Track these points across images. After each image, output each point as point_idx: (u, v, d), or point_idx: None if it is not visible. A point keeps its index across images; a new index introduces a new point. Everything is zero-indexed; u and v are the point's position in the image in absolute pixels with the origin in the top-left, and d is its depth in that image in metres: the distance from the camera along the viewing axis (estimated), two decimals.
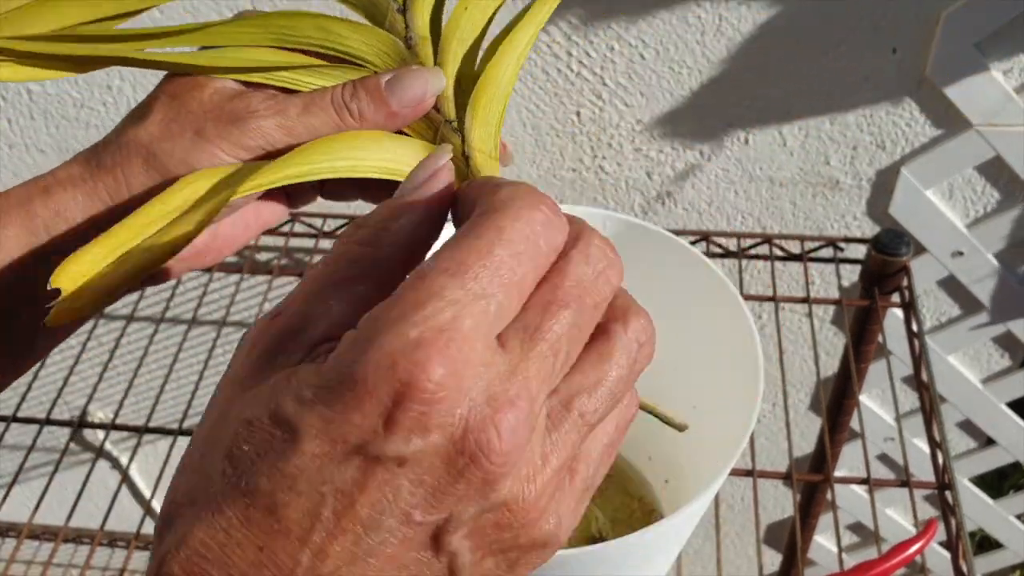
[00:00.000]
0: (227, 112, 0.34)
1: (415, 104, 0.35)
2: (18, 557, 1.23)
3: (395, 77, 0.35)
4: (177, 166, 0.34)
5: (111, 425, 0.80)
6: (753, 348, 0.55)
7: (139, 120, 0.35)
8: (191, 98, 0.34)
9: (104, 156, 0.35)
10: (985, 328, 0.97)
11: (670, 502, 0.69)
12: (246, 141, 0.34)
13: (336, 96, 0.35)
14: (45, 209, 0.34)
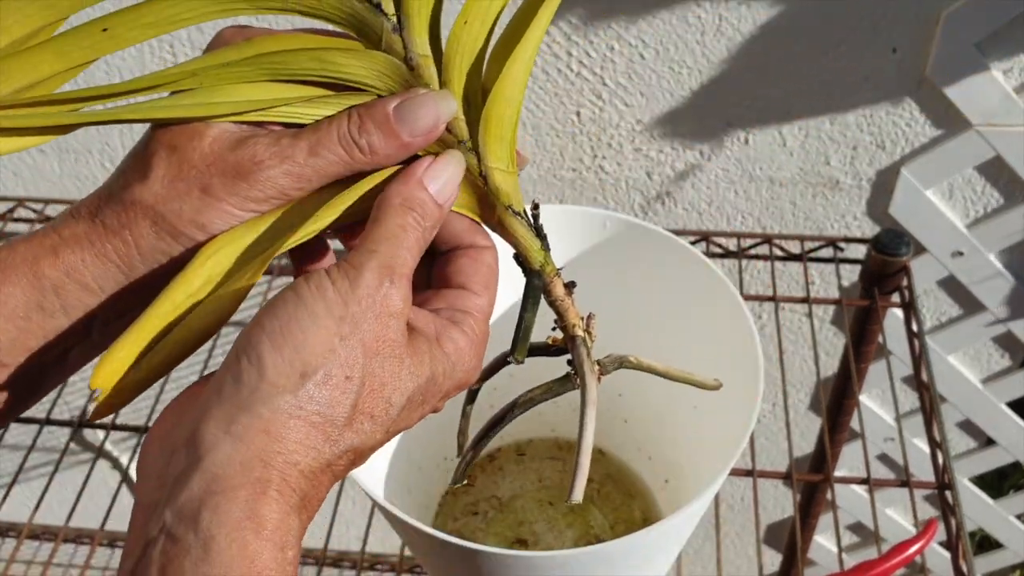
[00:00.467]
0: (232, 165, 0.33)
1: (427, 132, 0.34)
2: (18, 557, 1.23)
3: (403, 105, 0.34)
4: (187, 226, 0.33)
5: (111, 425, 0.80)
6: (753, 348, 0.55)
7: (141, 178, 0.33)
8: (191, 149, 0.33)
9: (109, 216, 0.33)
10: (985, 328, 0.97)
11: (670, 502, 0.69)
12: (255, 194, 0.33)
13: (343, 133, 0.34)
14: (54, 270, 0.33)
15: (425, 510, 0.70)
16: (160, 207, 0.33)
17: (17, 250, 0.33)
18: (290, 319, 0.30)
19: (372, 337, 0.31)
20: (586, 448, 0.36)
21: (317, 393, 0.30)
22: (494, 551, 0.47)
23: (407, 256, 0.32)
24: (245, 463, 0.29)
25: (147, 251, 0.33)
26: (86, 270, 0.33)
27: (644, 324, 0.66)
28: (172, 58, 0.86)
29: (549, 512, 0.70)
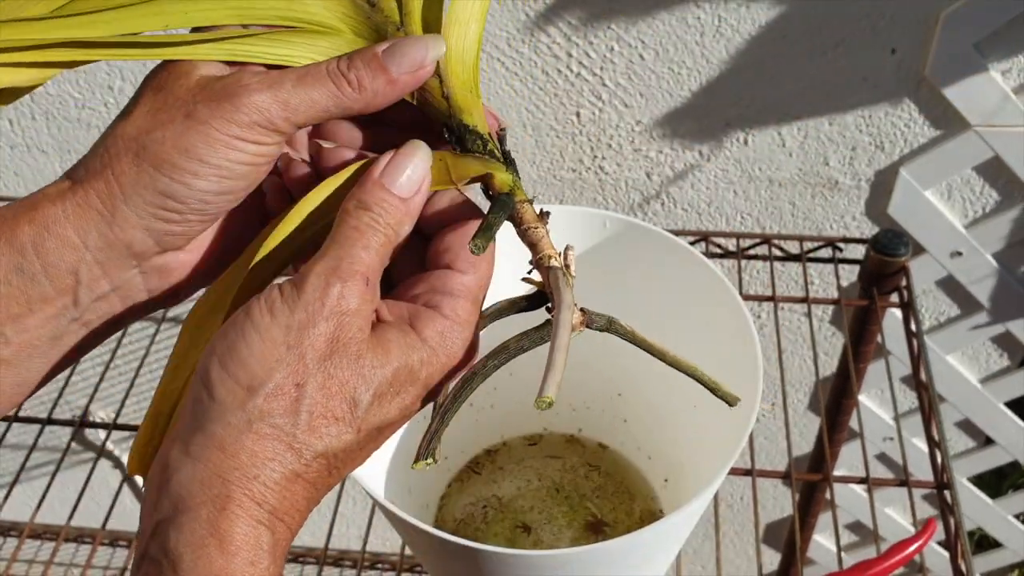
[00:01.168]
0: (217, 90, 0.32)
1: (415, 69, 0.34)
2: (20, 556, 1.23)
3: (392, 45, 0.34)
4: (170, 153, 0.32)
5: (112, 425, 0.80)
6: (752, 348, 0.55)
7: (123, 117, 0.33)
8: (177, 86, 0.32)
9: (91, 162, 0.33)
10: (984, 328, 0.97)
11: (670, 502, 0.69)
12: (240, 117, 0.32)
13: (332, 66, 0.33)
14: (32, 225, 0.32)
15: (425, 509, 0.70)
16: (142, 138, 0.32)
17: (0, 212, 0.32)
18: (237, 336, 0.30)
19: (324, 339, 0.30)
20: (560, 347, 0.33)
21: (267, 405, 0.30)
22: (494, 550, 0.47)
23: (362, 254, 0.32)
24: (204, 481, 0.29)
25: (129, 188, 0.32)
26: (67, 221, 0.32)
27: (643, 324, 0.66)
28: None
29: (550, 511, 0.71)
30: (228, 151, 0.32)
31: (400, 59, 0.34)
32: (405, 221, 0.34)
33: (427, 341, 0.33)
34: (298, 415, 0.30)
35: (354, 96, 0.33)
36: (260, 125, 0.32)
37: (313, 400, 0.30)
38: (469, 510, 0.71)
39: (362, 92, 0.33)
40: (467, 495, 0.72)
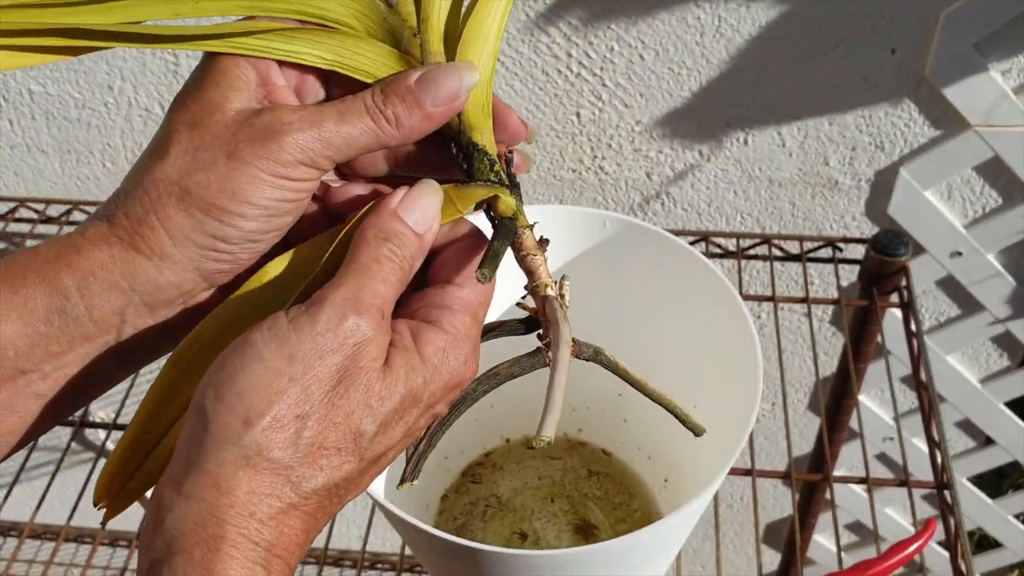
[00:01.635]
0: (259, 128, 0.31)
1: (450, 101, 0.34)
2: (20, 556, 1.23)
3: (425, 76, 0.34)
4: (217, 197, 0.31)
5: (112, 425, 0.80)
6: (752, 348, 0.55)
7: (160, 158, 0.32)
8: (213, 122, 0.32)
9: (131, 205, 0.32)
10: (984, 328, 0.97)
11: (669, 502, 0.69)
12: (285, 157, 0.31)
13: (370, 103, 0.33)
14: (77, 270, 0.31)
15: (425, 509, 0.70)
16: (185, 180, 0.31)
17: (39, 252, 0.32)
18: (236, 366, 0.29)
19: (333, 371, 0.30)
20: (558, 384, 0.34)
21: (264, 438, 0.29)
22: (494, 550, 0.47)
23: (380, 287, 0.31)
24: (198, 521, 0.28)
25: (177, 233, 0.31)
26: (114, 266, 0.31)
27: (643, 324, 0.66)
28: (173, 58, 0.86)
29: (549, 511, 0.71)
30: (274, 191, 0.32)
31: (435, 92, 0.34)
32: (419, 256, 0.33)
33: (428, 360, 0.32)
34: (297, 447, 0.29)
35: (392, 132, 0.33)
36: (304, 164, 0.32)
37: (314, 432, 0.29)
38: (469, 510, 0.71)
39: (400, 129, 0.33)
40: (467, 495, 0.72)
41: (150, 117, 0.92)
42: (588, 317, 0.68)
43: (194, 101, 0.32)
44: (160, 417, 0.33)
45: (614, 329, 0.68)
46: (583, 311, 0.67)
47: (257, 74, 0.33)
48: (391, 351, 0.31)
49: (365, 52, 0.35)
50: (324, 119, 0.32)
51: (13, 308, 0.31)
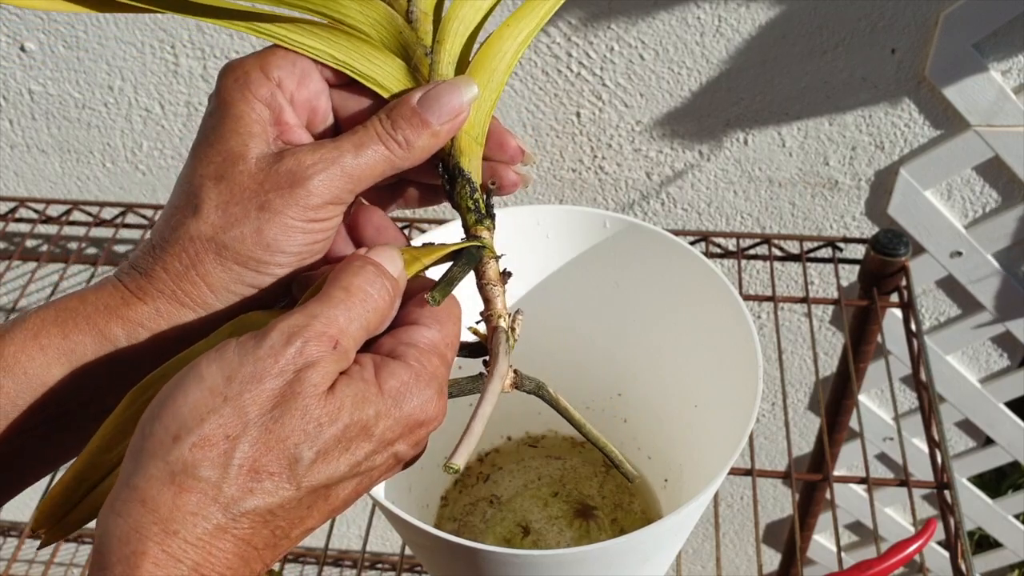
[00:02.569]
0: (284, 177, 0.33)
1: (454, 116, 0.35)
2: (20, 556, 1.23)
3: (427, 95, 0.35)
4: (252, 250, 0.33)
5: None
6: (752, 348, 0.55)
7: (193, 213, 0.33)
8: (237, 173, 0.33)
9: (170, 262, 0.33)
10: (984, 328, 0.97)
11: (669, 502, 0.69)
12: (313, 201, 0.33)
13: (380, 131, 0.34)
14: (127, 322, 0.33)
15: (425, 509, 0.70)
16: (220, 236, 0.33)
17: (87, 300, 0.33)
18: (178, 387, 0.29)
19: (269, 394, 0.29)
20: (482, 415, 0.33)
21: (191, 455, 0.28)
22: (494, 550, 0.47)
23: (340, 317, 0.31)
24: (122, 538, 0.28)
25: (218, 286, 0.33)
26: (160, 318, 0.33)
27: (644, 324, 0.66)
28: (173, 58, 0.86)
29: (549, 510, 0.71)
30: (305, 236, 0.33)
31: (438, 109, 0.35)
32: (394, 305, 0.33)
33: (386, 393, 0.31)
34: (227, 468, 0.28)
35: (404, 155, 0.35)
36: (331, 203, 0.33)
37: (246, 454, 0.29)
38: (469, 510, 0.71)
39: (410, 151, 0.35)
40: (467, 495, 0.72)
41: (150, 117, 0.92)
42: (588, 317, 0.68)
43: (216, 153, 0.34)
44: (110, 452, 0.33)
45: (614, 329, 0.68)
46: (583, 311, 0.67)
47: (271, 113, 0.34)
48: (340, 379, 0.31)
49: (376, 61, 0.36)
50: (342, 154, 0.34)
51: (63, 352, 0.33)
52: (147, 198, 0.99)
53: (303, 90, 0.35)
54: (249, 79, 0.34)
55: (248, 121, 0.34)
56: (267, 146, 0.34)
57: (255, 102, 0.34)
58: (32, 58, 0.89)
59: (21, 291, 1.04)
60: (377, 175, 0.34)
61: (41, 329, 0.33)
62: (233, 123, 0.34)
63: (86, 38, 0.86)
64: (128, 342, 0.33)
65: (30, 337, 0.33)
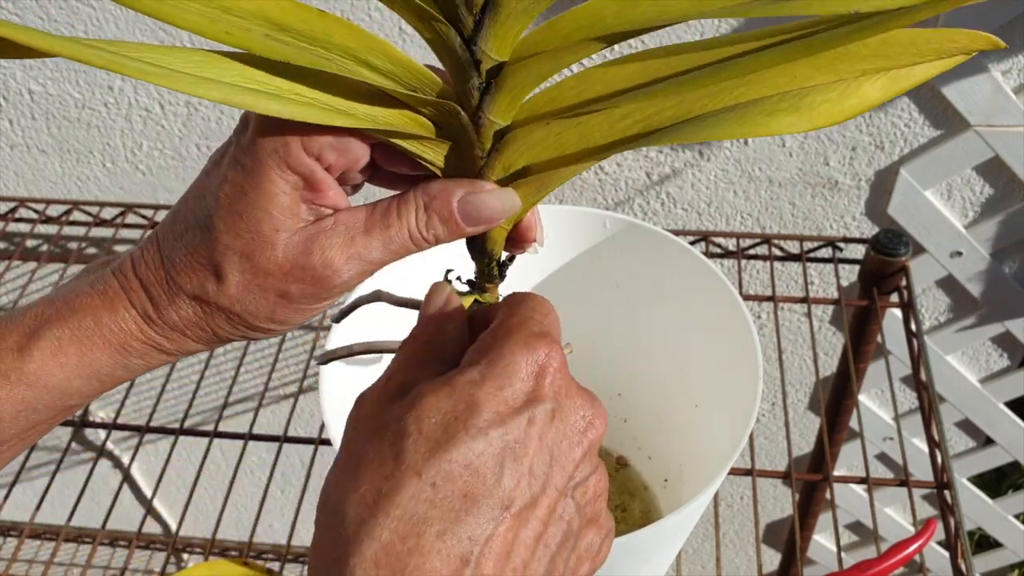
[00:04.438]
0: (309, 274, 0.34)
1: (488, 224, 0.35)
2: (20, 556, 1.23)
3: (469, 200, 0.35)
4: (263, 322, 0.35)
5: (112, 424, 0.80)
6: (752, 348, 0.55)
7: (217, 282, 0.34)
8: (265, 259, 0.34)
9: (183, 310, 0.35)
10: (984, 328, 0.97)
11: (669, 502, 0.69)
12: (331, 295, 0.35)
13: (413, 230, 0.35)
14: (140, 345, 0.36)
15: None
16: (236, 308, 0.35)
17: (102, 322, 0.35)
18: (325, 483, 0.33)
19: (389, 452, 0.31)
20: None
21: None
22: None
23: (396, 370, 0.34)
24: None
25: (225, 336, 0.36)
26: (170, 345, 0.36)
27: (643, 324, 0.66)
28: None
29: None
30: (314, 313, 0.36)
31: (476, 217, 0.35)
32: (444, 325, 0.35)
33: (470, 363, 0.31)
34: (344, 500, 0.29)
35: (427, 247, 0.36)
36: (344, 292, 0.35)
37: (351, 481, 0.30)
38: None
39: (436, 243, 0.36)
40: None
41: (150, 117, 0.92)
42: (588, 317, 0.68)
43: (246, 229, 0.33)
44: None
45: (614, 329, 0.68)
46: (583, 311, 0.67)
47: (305, 183, 0.33)
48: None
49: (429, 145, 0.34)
50: (370, 252, 0.34)
51: (82, 368, 0.35)
52: (147, 198, 0.99)
53: (342, 160, 0.34)
54: (289, 152, 0.33)
55: (281, 201, 0.33)
56: (297, 221, 0.34)
57: (290, 174, 0.33)
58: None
59: (21, 291, 1.04)
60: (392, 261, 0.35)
61: (60, 349, 0.35)
62: (265, 200, 0.33)
63: (86, 38, 0.86)
64: (140, 358, 0.36)
65: (49, 355, 0.35)
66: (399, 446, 0.29)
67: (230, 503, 0.74)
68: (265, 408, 1.16)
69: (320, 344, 0.91)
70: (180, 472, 1.26)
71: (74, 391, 0.36)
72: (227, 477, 1.16)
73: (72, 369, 0.35)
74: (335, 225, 0.34)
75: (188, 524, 1.31)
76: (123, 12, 0.84)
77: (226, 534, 1.33)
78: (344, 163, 0.34)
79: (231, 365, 1.12)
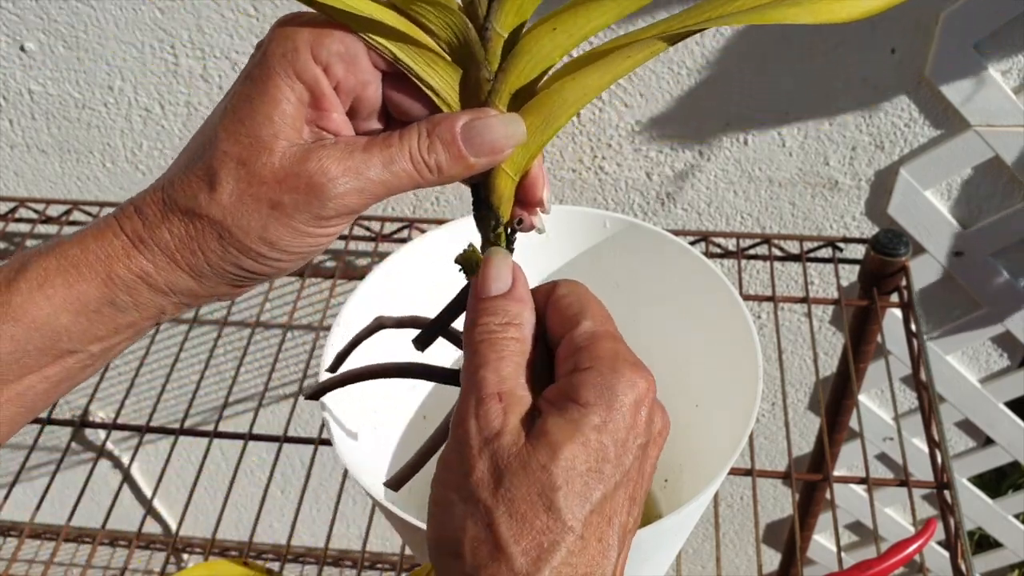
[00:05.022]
0: (304, 182, 0.33)
1: (493, 154, 0.34)
2: (20, 556, 1.23)
3: (471, 126, 0.34)
4: (255, 242, 0.33)
5: (112, 425, 0.80)
6: (752, 348, 0.55)
7: (209, 191, 0.33)
8: (261, 165, 0.33)
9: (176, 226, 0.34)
10: (984, 328, 0.97)
11: (669, 502, 0.69)
12: (326, 211, 0.33)
13: (414, 152, 0.34)
14: (127, 272, 0.34)
15: (425, 509, 0.70)
16: (228, 222, 0.33)
17: (89, 248, 0.34)
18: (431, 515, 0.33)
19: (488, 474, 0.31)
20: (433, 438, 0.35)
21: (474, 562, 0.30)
22: None
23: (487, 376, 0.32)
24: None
25: (215, 262, 0.34)
26: (158, 275, 0.34)
27: (644, 324, 0.66)
28: (173, 59, 0.86)
29: None
30: (308, 239, 0.34)
31: (480, 143, 0.34)
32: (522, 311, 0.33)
33: (589, 404, 0.30)
34: (504, 551, 0.29)
35: (431, 179, 0.34)
36: (342, 215, 0.34)
37: (509, 533, 0.29)
38: None
39: (440, 176, 0.34)
40: None
41: (150, 117, 0.92)
42: None
43: (245, 135, 0.33)
44: None
45: None
46: None
47: (311, 96, 0.33)
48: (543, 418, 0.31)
49: (436, 67, 0.34)
50: (369, 168, 0.33)
51: (69, 301, 0.34)
52: None
53: (350, 78, 0.34)
54: (297, 57, 0.33)
55: (284, 108, 0.33)
56: (298, 136, 0.33)
57: (296, 83, 0.33)
58: (32, 58, 0.89)
59: None
60: (396, 191, 0.34)
61: (46, 279, 0.33)
62: (269, 106, 0.33)
63: (86, 38, 0.86)
64: (127, 292, 0.34)
65: (36, 287, 0.33)
66: (550, 499, 0.29)
67: (230, 503, 0.74)
68: (265, 408, 1.16)
69: (320, 344, 0.91)
70: (180, 472, 1.26)
71: (62, 330, 0.34)
72: (227, 477, 1.16)
73: (59, 303, 0.34)
74: (336, 142, 0.34)
75: (188, 524, 1.31)
76: (123, 12, 0.84)
77: (226, 534, 1.33)
78: (352, 82, 0.34)
79: (231, 365, 1.12)
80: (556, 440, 0.30)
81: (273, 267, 0.35)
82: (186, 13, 0.83)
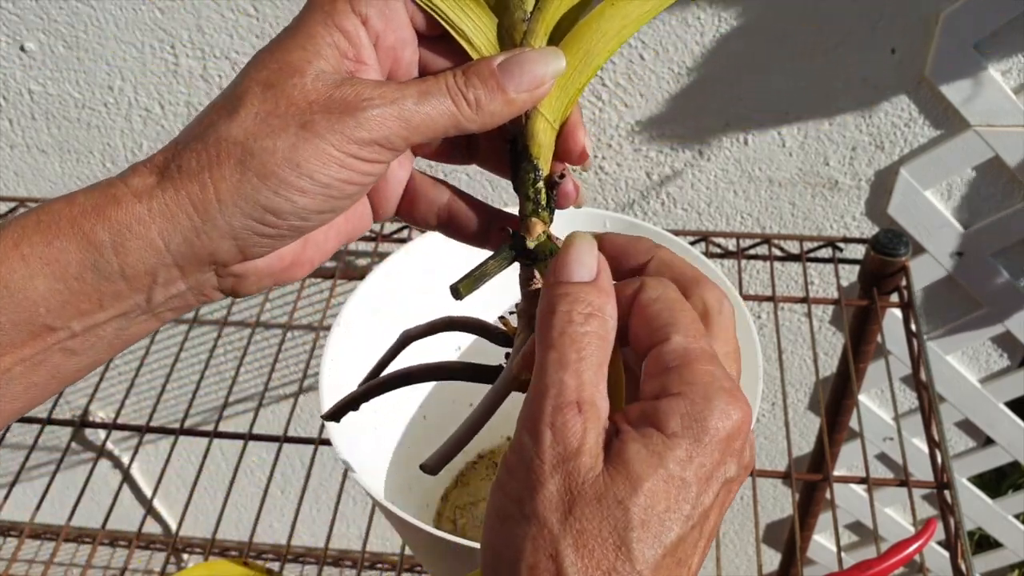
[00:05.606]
0: (337, 101, 0.30)
1: (533, 88, 0.32)
2: (20, 556, 1.23)
3: (509, 60, 0.32)
4: (279, 165, 0.30)
5: (112, 425, 0.80)
6: (752, 348, 0.55)
7: (229, 115, 0.30)
8: (291, 86, 0.30)
9: (187, 158, 0.30)
10: (984, 328, 0.97)
11: None
12: (360, 134, 0.30)
13: (451, 83, 0.32)
14: (111, 222, 0.30)
15: (425, 509, 0.70)
16: (250, 143, 0.30)
17: (76, 201, 0.30)
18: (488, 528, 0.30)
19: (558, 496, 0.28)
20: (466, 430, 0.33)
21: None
22: None
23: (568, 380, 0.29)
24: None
25: (227, 197, 0.30)
26: (152, 222, 0.30)
27: None
28: (173, 59, 0.86)
29: None
30: (340, 169, 0.30)
31: (519, 77, 0.32)
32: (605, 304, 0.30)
33: (676, 436, 0.28)
34: None
35: (471, 116, 0.32)
36: (378, 143, 0.31)
37: (574, 568, 0.27)
38: (469, 509, 0.71)
39: (479, 113, 0.32)
40: (467, 495, 0.72)
41: (150, 117, 0.92)
42: None
43: (274, 61, 0.31)
44: None
45: None
46: None
47: (349, 43, 0.31)
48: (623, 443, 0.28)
49: (470, 12, 0.33)
50: (404, 97, 0.31)
51: (46, 262, 0.29)
52: None
53: (389, 34, 0.32)
54: (336, 8, 0.31)
55: (320, 42, 0.31)
56: (331, 68, 0.31)
57: (335, 30, 0.31)
58: (32, 58, 0.89)
59: None
60: (437, 129, 0.32)
61: (23, 237, 0.29)
62: (303, 39, 0.31)
63: (86, 38, 0.86)
64: (113, 249, 0.30)
65: (11, 246, 0.29)
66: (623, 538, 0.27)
67: (230, 503, 0.74)
68: (265, 408, 1.16)
69: (320, 344, 0.91)
70: (180, 472, 1.26)
71: (39, 298, 0.29)
72: (227, 477, 1.17)
73: (35, 264, 0.29)
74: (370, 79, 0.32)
75: (188, 524, 1.31)
76: (123, 12, 0.84)
77: (226, 534, 1.33)
78: (391, 40, 0.32)
79: (231, 365, 1.12)
80: (637, 473, 0.27)
81: (293, 203, 0.30)
82: (186, 13, 0.83)
